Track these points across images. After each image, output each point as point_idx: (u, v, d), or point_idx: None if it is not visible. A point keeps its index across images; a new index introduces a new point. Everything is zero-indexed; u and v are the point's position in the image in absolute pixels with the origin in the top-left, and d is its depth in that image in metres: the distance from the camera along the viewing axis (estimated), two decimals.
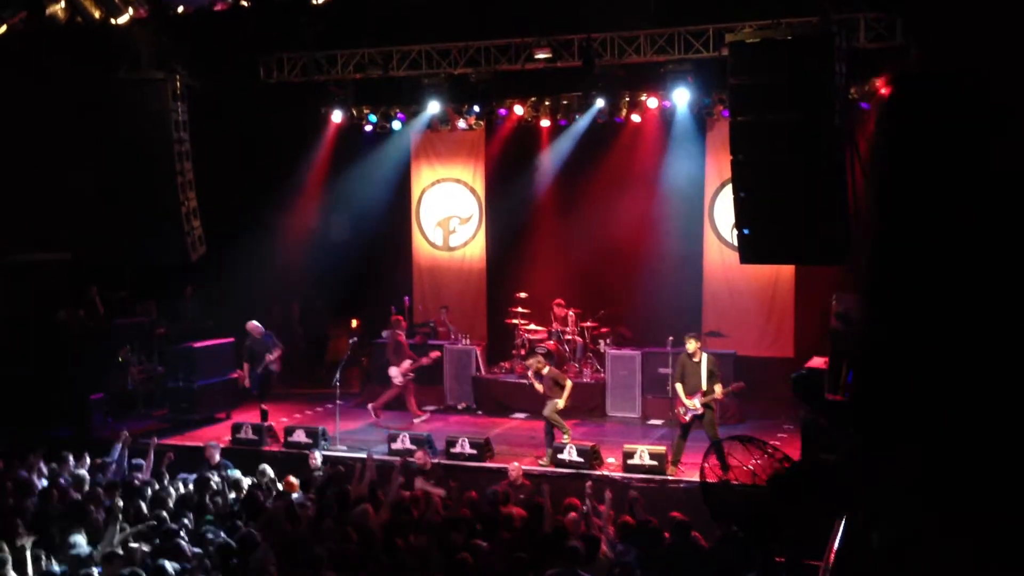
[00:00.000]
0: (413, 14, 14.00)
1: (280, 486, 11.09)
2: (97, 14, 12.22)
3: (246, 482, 10.95)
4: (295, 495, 10.44)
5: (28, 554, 8.10)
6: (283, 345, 15.27)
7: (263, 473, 11.30)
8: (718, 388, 11.99)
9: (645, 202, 16.96)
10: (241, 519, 9.36)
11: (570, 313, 16.18)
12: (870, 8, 12.60)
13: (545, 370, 13.17)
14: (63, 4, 12.18)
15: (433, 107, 16.03)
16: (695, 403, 12.02)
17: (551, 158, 17.66)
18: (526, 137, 17.55)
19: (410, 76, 15.06)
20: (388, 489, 10.23)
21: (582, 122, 16.52)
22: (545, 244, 17.68)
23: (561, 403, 12.91)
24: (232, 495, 10.27)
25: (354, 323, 17.62)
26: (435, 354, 15.39)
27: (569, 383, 13.17)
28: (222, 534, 8.68)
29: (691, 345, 12.22)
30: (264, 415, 14.14)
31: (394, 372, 14.95)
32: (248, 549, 8.18)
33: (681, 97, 14.70)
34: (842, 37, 10.96)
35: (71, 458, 11.51)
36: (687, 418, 12.12)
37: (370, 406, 15.07)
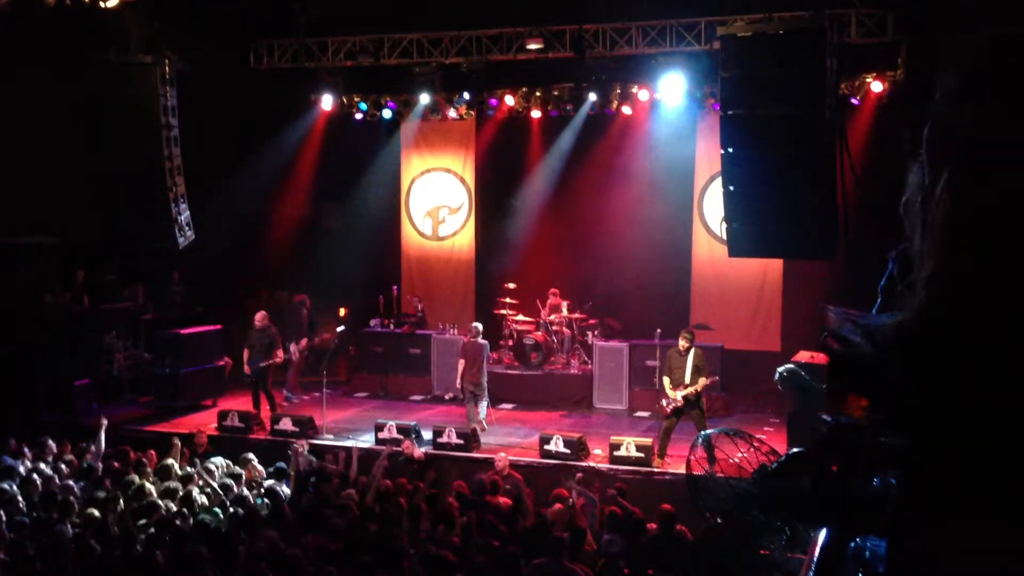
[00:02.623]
0: (405, 2, 13.96)
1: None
2: None
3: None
4: (269, 481, 10.46)
5: None
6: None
7: (246, 461, 11.28)
8: (701, 380, 12.04)
9: (635, 194, 16.94)
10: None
11: (564, 303, 16.18)
12: (862, 4, 12.62)
13: (477, 336, 13.87)
14: None
15: (424, 96, 15.99)
16: (677, 395, 12.06)
17: (541, 149, 17.65)
18: (517, 127, 17.52)
19: (401, 64, 15.03)
20: (371, 478, 10.27)
21: (573, 113, 16.50)
22: (534, 235, 17.65)
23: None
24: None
25: (342, 312, 17.58)
26: (326, 336, 15.75)
27: (462, 363, 13.73)
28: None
29: (683, 342, 12.25)
30: (262, 401, 14.40)
31: (292, 348, 15.27)
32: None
33: (672, 90, 14.69)
34: (833, 32, 10.98)
35: (51, 444, 11.47)
36: (668, 410, 12.17)
37: (285, 389, 15.58)
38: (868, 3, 12.57)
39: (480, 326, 14.43)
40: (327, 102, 16.52)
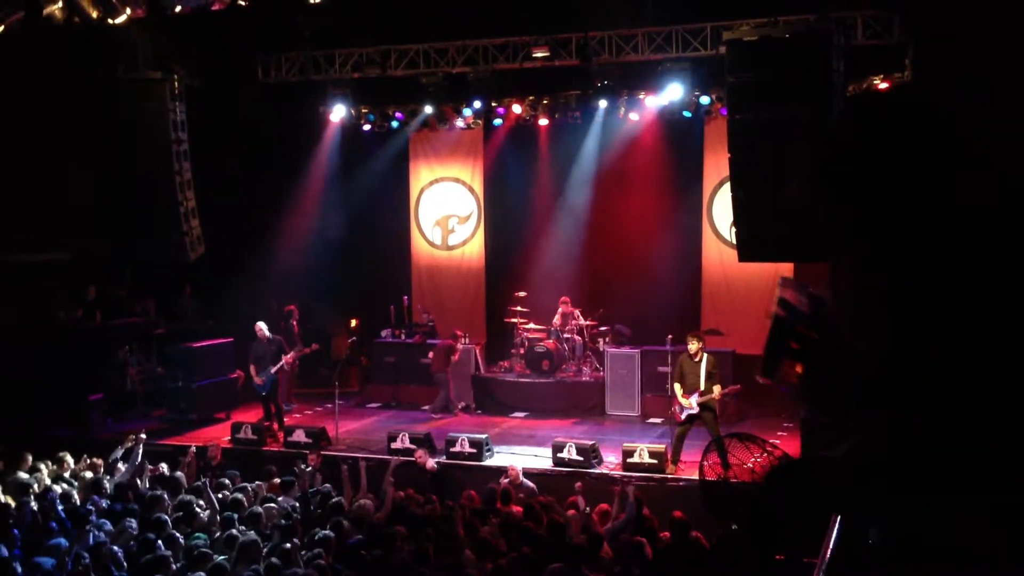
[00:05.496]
0: (411, 13, 14.00)
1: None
2: (95, 14, 12.22)
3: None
4: (281, 498, 10.42)
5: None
6: (297, 347, 15.28)
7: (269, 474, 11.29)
8: (716, 389, 11.94)
9: (643, 200, 16.95)
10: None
11: (576, 311, 16.17)
12: (868, 6, 12.60)
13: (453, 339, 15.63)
14: (61, 4, 12.17)
15: (431, 106, 16.04)
16: (691, 402, 12.00)
17: (549, 157, 17.68)
18: (524, 136, 17.55)
19: (408, 75, 15.07)
20: (383, 493, 10.26)
21: (580, 121, 16.51)
22: (544, 243, 17.67)
23: None
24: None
25: (353, 323, 17.62)
26: (315, 346, 15.81)
27: (431, 354, 15.66)
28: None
29: (693, 345, 12.17)
30: (275, 414, 14.38)
31: (283, 358, 15.07)
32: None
33: (679, 95, 14.70)
34: (840, 35, 10.98)
35: (70, 459, 11.51)
36: (682, 417, 12.12)
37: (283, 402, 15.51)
38: (874, 5, 12.55)
39: (458, 333, 15.84)
40: (336, 114, 16.57)
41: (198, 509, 9.47)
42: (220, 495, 10.04)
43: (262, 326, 14.70)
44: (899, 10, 12.19)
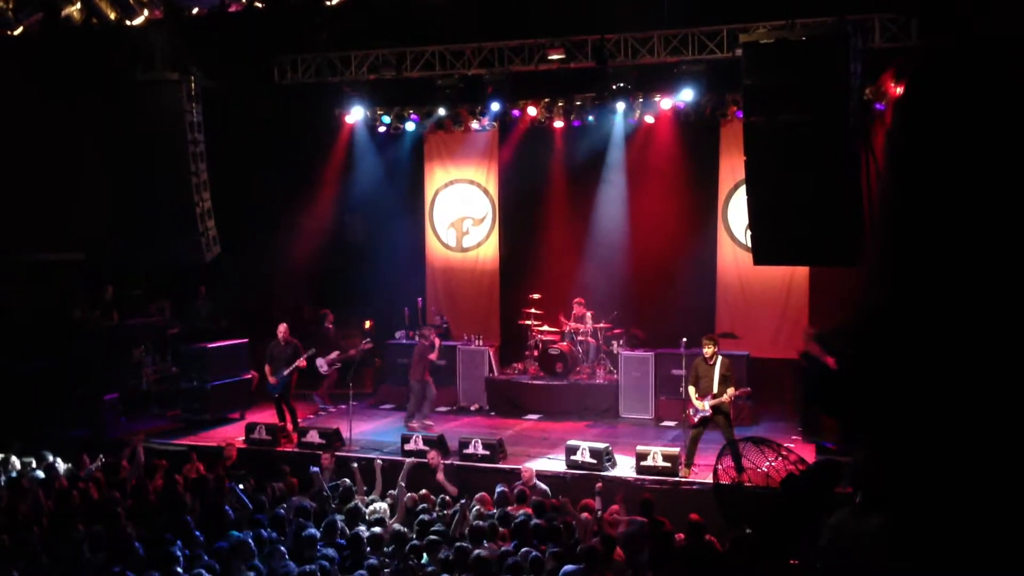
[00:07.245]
0: (427, 15, 14.01)
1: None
2: (112, 15, 12.29)
3: None
4: (294, 497, 10.42)
5: None
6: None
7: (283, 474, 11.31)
8: (729, 391, 11.91)
9: (659, 203, 16.92)
10: None
11: (588, 313, 16.14)
12: (885, 9, 12.55)
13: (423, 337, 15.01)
14: (79, 5, 12.26)
15: (446, 108, 16.04)
16: (704, 405, 11.96)
17: (564, 159, 17.66)
18: (539, 138, 17.53)
19: (424, 77, 15.09)
20: (399, 492, 10.27)
21: (595, 123, 16.49)
22: (558, 245, 17.65)
23: None
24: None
25: (367, 324, 17.63)
26: (368, 343, 15.68)
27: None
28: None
29: (707, 348, 12.15)
30: (288, 414, 14.40)
31: (320, 362, 15.69)
32: None
33: (695, 97, 14.66)
34: (857, 38, 10.91)
35: (86, 459, 11.58)
36: (695, 419, 12.09)
37: (315, 396, 16.23)
38: (891, 8, 12.49)
39: (430, 328, 15.36)
40: (353, 115, 16.61)
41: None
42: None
43: (284, 327, 14.72)
44: (916, 12, 12.12)
